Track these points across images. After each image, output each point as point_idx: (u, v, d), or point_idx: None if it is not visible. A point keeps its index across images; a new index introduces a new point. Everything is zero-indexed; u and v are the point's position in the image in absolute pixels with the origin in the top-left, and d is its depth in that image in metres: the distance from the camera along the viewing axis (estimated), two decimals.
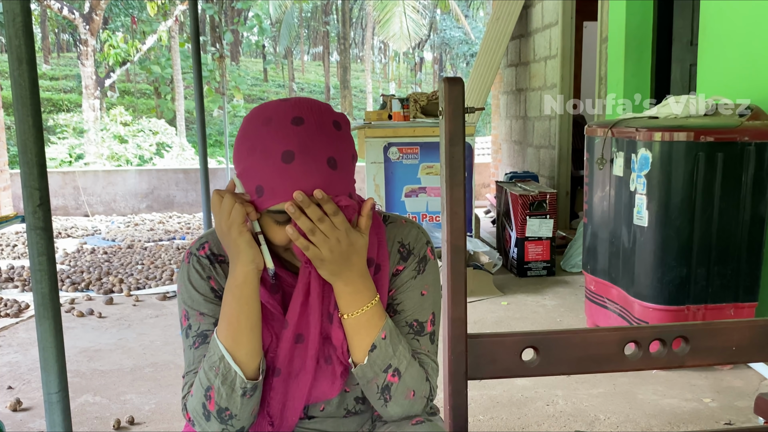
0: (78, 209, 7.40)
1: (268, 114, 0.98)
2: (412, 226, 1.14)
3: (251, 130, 0.98)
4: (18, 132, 1.51)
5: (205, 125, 4.55)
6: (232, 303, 1.01)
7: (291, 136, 0.95)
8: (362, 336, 1.04)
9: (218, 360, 1.01)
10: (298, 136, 0.95)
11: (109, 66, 13.71)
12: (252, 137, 0.98)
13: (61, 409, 1.63)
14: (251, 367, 1.02)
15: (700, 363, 0.96)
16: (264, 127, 0.97)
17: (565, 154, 5.54)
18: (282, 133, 0.95)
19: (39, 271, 1.56)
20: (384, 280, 1.09)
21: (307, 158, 0.95)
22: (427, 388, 1.08)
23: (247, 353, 1.02)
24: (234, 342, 1.01)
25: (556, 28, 5.44)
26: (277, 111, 0.98)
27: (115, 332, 3.29)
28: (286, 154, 0.94)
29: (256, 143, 0.97)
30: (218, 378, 1.01)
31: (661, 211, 2.52)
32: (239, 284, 1.00)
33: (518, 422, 2.26)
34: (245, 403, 1.02)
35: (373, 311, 1.04)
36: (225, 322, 1.01)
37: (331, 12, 24.23)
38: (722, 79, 3.08)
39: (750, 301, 2.60)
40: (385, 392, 1.06)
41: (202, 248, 1.10)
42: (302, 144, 0.95)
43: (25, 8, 1.49)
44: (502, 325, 3.28)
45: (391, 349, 1.04)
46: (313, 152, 0.95)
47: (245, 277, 1.00)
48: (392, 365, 1.04)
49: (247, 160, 0.98)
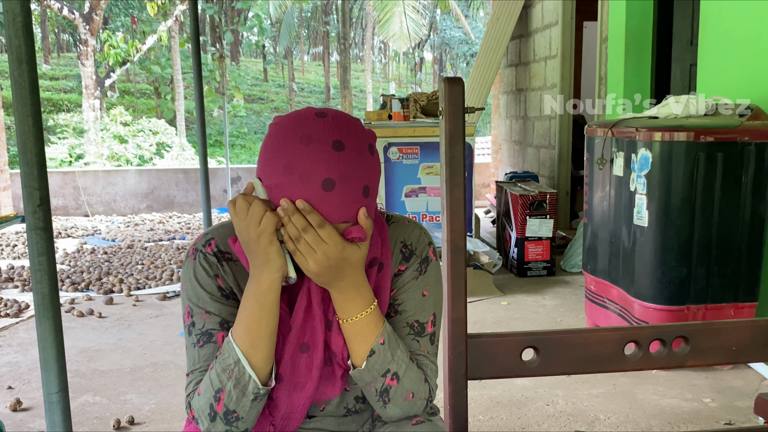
0: (78, 209, 7.40)
1: (306, 132, 0.96)
2: (414, 226, 1.14)
3: (288, 147, 0.95)
4: (18, 132, 1.51)
5: (205, 125, 4.55)
6: (254, 309, 1.00)
7: (332, 162, 0.94)
8: (360, 341, 1.04)
9: (233, 363, 1.01)
10: (338, 164, 0.94)
11: (109, 66, 13.71)
12: (289, 155, 0.95)
13: (61, 409, 1.63)
14: (265, 372, 1.03)
15: (700, 363, 0.96)
16: (303, 147, 0.94)
17: (565, 154, 5.53)
18: (323, 157, 0.94)
19: (39, 271, 1.56)
20: (386, 279, 1.10)
21: (346, 188, 0.95)
22: (426, 390, 1.08)
23: (263, 359, 1.02)
24: (252, 347, 1.01)
25: (556, 28, 5.44)
26: (316, 130, 0.96)
27: (115, 332, 3.29)
28: (327, 181, 0.94)
29: (295, 163, 0.94)
30: (231, 381, 1.01)
31: (661, 211, 2.52)
32: (264, 291, 1.00)
33: (518, 422, 2.26)
34: (253, 407, 1.03)
35: (369, 318, 1.04)
36: (243, 327, 1.01)
37: (331, 12, 24.23)
38: (722, 79, 3.08)
39: (750, 301, 2.60)
40: (384, 395, 1.06)
41: (208, 245, 1.09)
42: (343, 173, 0.94)
43: (25, 8, 1.49)
44: (502, 325, 3.28)
45: (390, 354, 1.04)
46: (353, 182, 0.95)
47: (270, 285, 1.00)
48: (391, 369, 1.04)
49: (283, 177, 0.95)
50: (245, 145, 17.71)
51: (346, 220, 0.97)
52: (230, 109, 17.22)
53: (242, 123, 19.28)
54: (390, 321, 1.10)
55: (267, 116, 20.92)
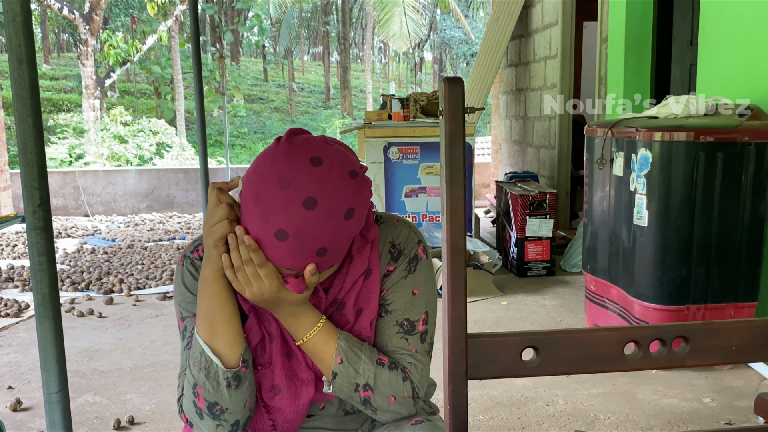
0: (78, 209, 7.40)
1: (288, 176, 0.93)
2: (403, 225, 1.14)
3: (267, 181, 0.94)
4: (18, 132, 1.51)
5: (205, 125, 4.55)
6: (204, 299, 1.02)
7: (294, 217, 0.92)
8: (319, 360, 1.06)
9: (199, 354, 1.02)
10: (301, 221, 0.92)
11: (109, 66, 13.71)
12: (263, 189, 0.94)
13: (61, 409, 1.63)
14: (232, 358, 1.03)
15: (700, 363, 0.96)
16: (277, 189, 0.93)
17: (565, 154, 5.53)
18: (289, 209, 0.92)
19: (39, 271, 1.56)
20: (374, 285, 1.09)
21: (299, 244, 0.94)
22: (407, 389, 1.07)
23: (226, 344, 1.03)
24: (212, 335, 1.02)
25: (556, 28, 5.44)
26: (298, 179, 0.93)
27: (115, 332, 3.29)
28: (281, 232, 0.93)
29: (263, 199, 0.93)
30: (202, 372, 1.02)
31: (661, 211, 2.52)
32: (209, 281, 1.02)
33: (518, 422, 2.26)
34: (233, 395, 1.03)
35: (318, 337, 1.05)
36: (201, 318, 1.03)
37: (331, 12, 24.23)
38: (722, 79, 3.08)
39: (750, 301, 2.60)
40: (367, 404, 1.07)
41: (195, 251, 1.12)
42: (300, 231, 0.93)
43: (25, 8, 1.49)
44: (502, 325, 3.28)
45: (352, 369, 1.04)
46: (308, 241, 0.94)
47: (214, 276, 1.01)
48: (360, 383, 1.05)
49: (250, 204, 0.95)
50: (245, 145, 17.72)
51: (291, 268, 0.98)
52: (230, 109, 17.23)
53: (242, 123, 19.29)
54: (380, 321, 1.10)
55: (267, 116, 20.93)
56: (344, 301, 1.09)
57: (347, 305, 1.09)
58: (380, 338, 1.10)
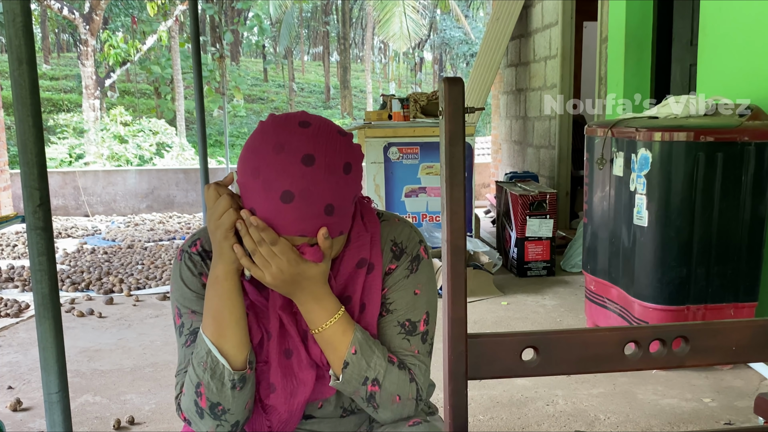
0: (78, 209, 7.40)
1: (281, 140, 0.95)
2: (405, 225, 1.14)
3: (261, 152, 0.95)
4: (18, 132, 1.51)
5: (205, 125, 4.55)
6: (214, 298, 1.02)
7: (296, 176, 0.93)
8: (331, 350, 1.05)
9: (205, 354, 1.02)
10: (302, 179, 0.93)
11: (109, 66, 13.72)
12: (260, 159, 0.95)
13: (61, 409, 1.63)
14: (239, 359, 1.03)
15: (700, 363, 0.96)
16: (273, 155, 0.94)
17: (565, 154, 5.53)
18: (289, 170, 0.93)
19: (39, 271, 1.56)
20: (377, 280, 1.09)
21: (305, 203, 0.94)
22: (413, 390, 1.07)
23: (234, 345, 1.02)
24: (220, 336, 1.02)
25: (556, 28, 5.44)
26: (291, 140, 0.95)
27: (115, 332, 3.29)
28: (286, 194, 0.93)
29: (262, 169, 0.94)
30: (207, 372, 1.01)
31: (661, 211, 2.52)
32: (219, 281, 1.01)
33: (518, 422, 2.26)
34: (236, 396, 1.03)
35: (336, 327, 1.04)
36: (209, 317, 1.02)
37: (331, 12, 24.23)
38: (722, 79, 3.08)
39: (750, 301, 2.60)
40: (371, 401, 1.06)
41: (194, 245, 1.11)
42: (304, 188, 0.93)
43: (25, 8, 1.49)
44: (502, 325, 3.28)
45: (365, 362, 1.04)
46: (313, 198, 0.94)
47: (226, 275, 1.01)
48: (369, 377, 1.04)
49: (249, 179, 0.96)
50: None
51: (303, 234, 0.97)
52: (230, 109, 17.23)
53: (242, 123, 19.29)
54: (381, 320, 1.10)
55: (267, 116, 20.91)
56: (350, 295, 1.09)
57: (353, 299, 1.09)
58: (381, 338, 1.10)
